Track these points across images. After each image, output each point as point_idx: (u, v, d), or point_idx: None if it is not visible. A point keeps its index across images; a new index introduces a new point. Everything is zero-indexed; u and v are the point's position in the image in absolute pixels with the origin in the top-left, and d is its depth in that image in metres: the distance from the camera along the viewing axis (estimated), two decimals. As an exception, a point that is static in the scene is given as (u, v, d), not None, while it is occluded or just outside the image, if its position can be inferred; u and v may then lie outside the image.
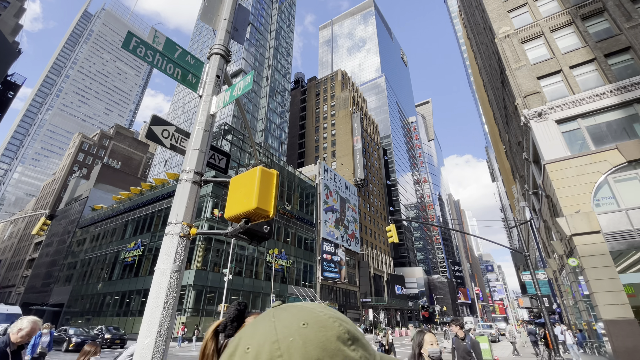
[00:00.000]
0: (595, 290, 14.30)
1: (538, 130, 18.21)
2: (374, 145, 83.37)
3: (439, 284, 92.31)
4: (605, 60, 18.02)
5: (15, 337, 3.26)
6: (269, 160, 41.59)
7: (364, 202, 66.85)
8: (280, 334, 0.51)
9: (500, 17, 22.70)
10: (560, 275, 24.64)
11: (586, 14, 19.63)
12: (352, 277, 52.34)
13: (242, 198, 2.73)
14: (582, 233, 15.11)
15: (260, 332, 0.53)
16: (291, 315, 0.55)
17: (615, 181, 15.66)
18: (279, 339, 0.50)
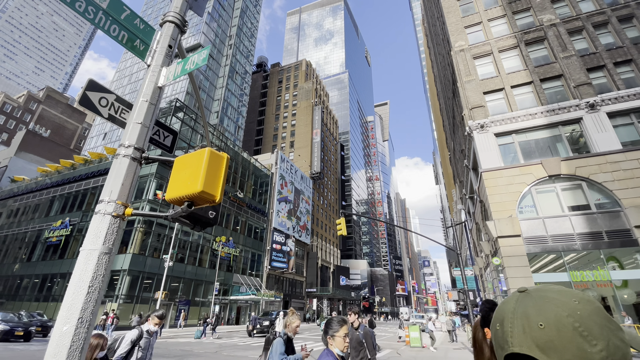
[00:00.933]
0: (512, 287, 16.22)
1: (479, 141, 19.92)
2: (333, 140, 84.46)
3: (381, 276, 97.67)
4: (540, 84, 20.24)
5: None
6: (222, 144, 39.83)
7: (318, 195, 67.71)
8: (567, 309, 0.61)
9: (457, 32, 24.20)
10: (485, 272, 27.56)
11: (529, 40, 21.79)
12: (299, 267, 52.99)
13: (187, 180, 2.56)
14: (506, 236, 17.00)
15: (546, 310, 0.62)
16: (558, 294, 0.64)
17: (536, 192, 17.81)
18: (569, 313, 0.60)
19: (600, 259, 15.81)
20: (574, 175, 17.12)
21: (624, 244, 15.31)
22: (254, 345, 17.13)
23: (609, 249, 15.65)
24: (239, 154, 42.36)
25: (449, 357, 14.26)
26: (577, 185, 17.18)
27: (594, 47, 19.97)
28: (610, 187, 16.24)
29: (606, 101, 18.06)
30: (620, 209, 15.84)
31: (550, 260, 16.96)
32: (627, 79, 18.56)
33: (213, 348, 15.33)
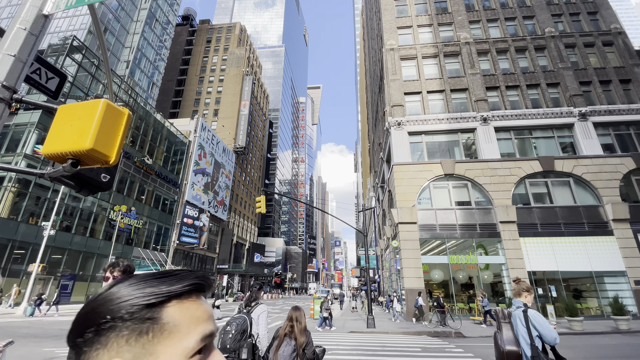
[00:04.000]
0: (405, 267, 18.64)
1: (395, 136, 21.84)
2: (262, 116, 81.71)
3: (295, 254, 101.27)
4: (450, 94, 23.04)
5: None
6: (131, 99, 34.62)
7: (241, 171, 65.37)
8: None
9: (390, 30, 25.57)
10: (385, 253, 31.04)
11: (447, 52, 24.43)
12: (212, 243, 51.01)
13: (73, 133, 2.16)
14: (405, 222, 19.31)
15: None
16: None
17: (434, 187, 20.57)
18: None
19: (472, 246, 19.35)
20: (463, 176, 20.31)
21: (491, 235, 19.02)
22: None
23: (479, 239, 19.26)
24: (150, 115, 37.56)
25: (346, 326, 15.84)
26: (465, 184, 20.45)
27: (494, 69, 23.55)
28: (487, 188, 19.80)
29: (495, 117, 21.66)
30: (491, 207, 19.52)
31: (437, 245, 20.03)
32: (513, 101, 22.53)
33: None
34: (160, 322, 0.48)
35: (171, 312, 0.50)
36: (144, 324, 0.48)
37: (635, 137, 20.64)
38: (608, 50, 23.46)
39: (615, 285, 17.46)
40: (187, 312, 0.51)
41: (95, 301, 0.50)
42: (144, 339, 0.47)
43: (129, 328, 0.47)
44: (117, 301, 0.48)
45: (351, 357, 8.64)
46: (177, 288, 0.51)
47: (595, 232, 18.40)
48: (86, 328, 0.48)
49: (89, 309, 0.49)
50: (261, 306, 4.12)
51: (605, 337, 11.94)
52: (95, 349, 0.47)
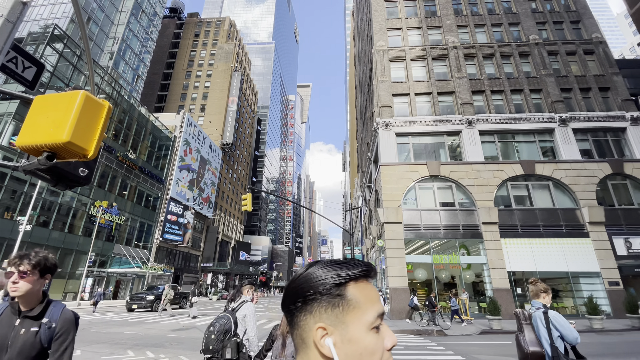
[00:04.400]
0: (389, 265, 18.85)
1: (383, 137, 22.03)
2: (250, 112, 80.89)
3: (281, 252, 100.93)
4: (437, 97, 23.40)
5: None
6: (115, 92, 33.59)
7: (227, 168, 64.54)
8: None
9: (380, 32, 25.75)
10: (370, 252, 31.31)
11: (436, 55, 24.80)
12: (197, 241, 50.21)
13: (49, 125, 2.08)
14: (391, 222, 19.53)
15: None
16: None
17: (419, 188, 20.88)
18: None
19: (455, 246, 19.76)
20: (448, 178, 20.69)
21: (473, 236, 19.46)
22: (133, 320, 15.68)
23: (462, 239, 19.67)
24: (135, 108, 36.59)
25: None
26: (449, 185, 20.84)
27: (480, 74, 24.07)
28: (471, 190, 20.24)
29: (480, 121, 22.14)
30: (474, 208, 19.97)
31: (421, 245, 20.35)
32: (497, 106, 23.09)
33: (80, 325, 13.41)
34: (347, 298, 0.62)
35: (352, 290, 0.63)
36: (335, 299, 0.62)
37: (612, 143, 21.52)
38: (589, 58, 24.35)
39: (590, 286, 18.18)
40: (364, 292, 0.64)
41: (299, 278, 0.66)
42: (337, 310, 0.62)
43: (326, 301, 0.63)
44: (316, 280, 0.64)
45: (335, 356, 8.68)
46: (354, 272, 0.65)
47: (572, 234, 19.10)
48: (297, 298, 0.64)
49: (297, 284, 0.65)
50: (247, 304, 4.04)
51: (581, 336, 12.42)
52: (303, 314, 0.64)
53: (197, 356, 8.16)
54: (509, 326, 14.58)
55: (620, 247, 18.66)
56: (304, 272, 0.67)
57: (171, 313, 19.38)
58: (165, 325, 14.17)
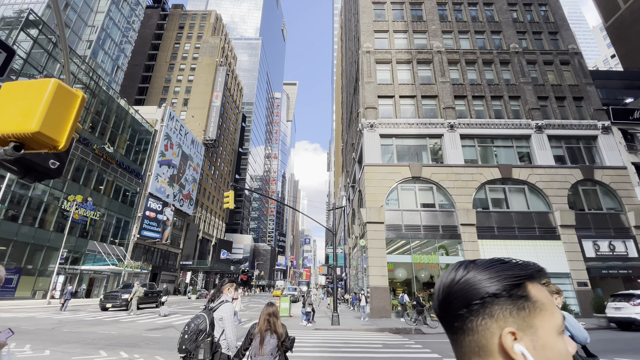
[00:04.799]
0: (371, 265, 19.06)
1: (367, 138, 22.23)
2: (234, 108, 79.66)
3: (263, 251, 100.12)
4: (421, 100, 23.83)
5: None
6: (92, 82, 32.23)
7: (210, 164, 63.32)
8: None
9: (367, 33, 25.95)
10: (352, 251, 31.58)
11: (420, 59, 25.23)
12: (176, 238, 49.03)
13: (18, 114, 1.97)
14: (374, 222, 19.75)
15: None
16: None
17: (401, 189, 21.21)
18: None
19: (434, 246, 20.21)
20: (429, 180, 21.13)
21: (452, 237, 19.97)
22: (107, 320, 15.13)
23: (441, 240, 20.14)
24: (113, 100, 35.28)
25: (310, 323, 15.92)
26: (430, 187, 21.29)
27: (463, 79, 24.69)
28: (451, 192, 20.75)
29: (461, 125, 22.73)
30: (454, 210, 20.49)
31: (402, 245, 20.69)
32: (478, 111, 23.76)
33: (50, 324, 12.80)
34: (531, 300, 0.58)
35: (533, 291, 0.59)
36: (519, 301, 0.57)
37: (584, 150, 22.61)
38: (565, 68, 25.46)
39: (561, 286, 19.01)
40: (544, 293, 0.59)
41: (465, 280, 0.61)
42: (523, 313, 0.57)
43: (510, 302, 0.58)
44: (491, 280, 0.59)
45: (315, 354, 8.70)
46: (530, 271, 0.61)
47: (544, 236, 19.94)
48: (470, 300, 0.59)
49: (465, 285, 0.60)
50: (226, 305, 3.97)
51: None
52: (481, 318, 0.58)
53: (174, 356, 7.97)
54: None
55: (589, 249, 19.66)
56: (465, 273, 0.61)
57: (137, 312, 18.58)
58: (141, 325, 13.76)
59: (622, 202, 20.81)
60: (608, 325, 14.40)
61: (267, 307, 3.71)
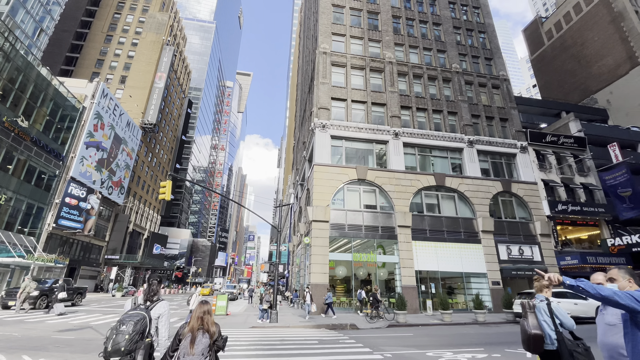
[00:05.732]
0: (313, 262, 19.30)
1: (318, 138, 22.49)
2: (180, 93, 74.29)
3: (203, 247, 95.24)
4: (371, 107, 24.82)
5: None
6: (7, 44, 27.33)
7: (147, 150, 58.14)
8: None
9: (325, 34, 26.23)
10: (297, 249, 31.69)
11: (373, 67, 26.28)
12: (102, 230, 44.08)
13: None
14: (319, 220, 20.04)
15: None
16: None
17: (347, 190, 21.88)
18: None
19: (373, 245, 21.23)
20: (373, 182, 22.13)
21: (390, 237, 21.17)
22: (9, 319, 12.95)
23: (380, 239, 21.24)
24: (32, 67, 30.39)
25: (248, 321, 15.56)
26: (373, 190, 22.32)
27: (409, 91, 26.32)
28: (391, 195, 21.99)
29: (405, 134, 24.21)
30: (393, 212, 21.75)
31: (344, 244, 21.35)
32: (420, 122, 25.53)
33: None
34: None
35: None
36: None
37: (505, 165, 25.71)
38: (495, 92, 28.67)
39: (478, 285, 21.42)
40: None
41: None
42: None
43: None
44: None
45: (248, 352, 8.51)
46: None
47: (468, 240, 22.24)
48: None
49: None
50: (163, 303, 3.75)
51: (467, 327, 14.53)
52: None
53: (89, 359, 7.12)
54: (412, 320, 16.26)
55: (503, 252, 22.43)
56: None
57: (27, 311, 16.20)
58: (51, 326, 12.06)
59: (531, 212, 24.16)
60: (514, 320, 16.59)
61: (201, 305, 3.50)
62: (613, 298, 2.19)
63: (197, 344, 3.22)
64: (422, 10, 30.29)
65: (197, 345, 3.22)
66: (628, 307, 2.17)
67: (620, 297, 2.19)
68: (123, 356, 3.23)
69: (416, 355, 8.42)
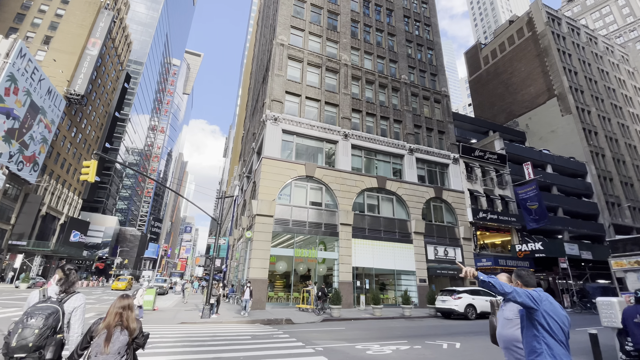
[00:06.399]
0: (254, 257, 18.94)
1: (269, 130, 22.09)
2: (117, 64, 66.64)
3: (131, 236, 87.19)
4: (324, 106, 25.12)
5: None
6: None
7: (72, 125, 51.05)
8: None
9: (284, 26, 25.79)
10: (237, 243, 30.78)
11: (329, 67, 26.61)
12: (6, 210, 37.63)
13: None
14: (263, 215, 19.73)
15: None
16: None
17: (295, 185, 21.89)
18: None
19: (315, 242, 21.60)
20: (321, 180, 22.49)
21: (332, 234, 21.74)
22: None
23: (322, 236, 21.69)
24: None
25: (177, 317, 14.68)
26: (320, 187, 22.69)
27: (361, 95, 27.24)
28: (337, 194, 22.59)
29: (354, 136, 25.03)
30: (336, 210, 22.37)
31: (287, 239, 21.35)
32: (369, 126, 26.60)
33: None
34: None
35: None
36: None
37: (438, 174, 28.11)
38: (437, 106, 31.14)
39: (408, 282, 23.16)
40: None
41: None
42: None
43: None
44: None
45: (174, 349, 8.03)
46: None
47: (402, 240, 23.89)
48: None
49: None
50: (78, 295, 3.36)
51: (395, 321, 15.63)
52: None
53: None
54: (347, 314, 16.95)
55: (431, 253, 24.56)
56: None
57: None
58: None
59: (457, 218, 26.83)
60: (436, 314, 18.31)
61: (121, 300, 3.18)
62: (514, 295, 2.53)
63: (113, 342, 2.93)
64: (379, 19, 31.52)
65: (113, 343, 2.93)
66: (525, 304, 2.53)
67: (520, 295, 2.54)
68: (30, 352, 2.84)
69: (346, 348, 8.80)
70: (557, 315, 2.51)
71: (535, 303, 2.52)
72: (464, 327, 13.70)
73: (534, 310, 2.52)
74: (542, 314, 2.50)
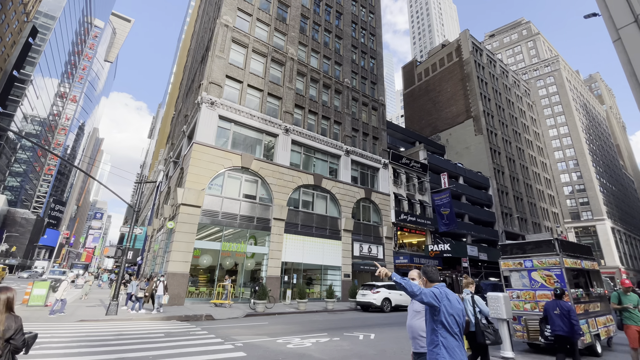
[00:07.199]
0: (174, 250, 17.58)
1: (204, 114, 20.70)
2: (21, 14, 55.08)
3: (23, 220, 73.43)
4: (267, 97, 24.51)
5: None
6: None
7: (-58, 74, 40.49)
8: None
9: (230, 7, 24.39)
10: (157, 234, 28.20)
11: (275, 58, 26.04)
12: None
13: None
14: (189, 205, 18.44)
15: None
16: None
17: (228, 176, 20.94)
18: None
19: (246, 236, 21.01)
20: (257, 173, 21.93)
21: (264, 228, 21.38)
22: None
23: (254, 230, 21.20)
24: None
25: (76, 314, 12.79)
26: (256, 180, 22.13)
27: (305, 92, 27.31)
28: (273, 188, 22.30)
29: (295, 132, 24.99)
30: (271, 205, 22.08)
31: (215, 232, 20.31)
32: (310, 124, 26.83)
33: None
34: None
35: None
36: None
37: (370, 177, 29.80)
38: (374, 113, 32.91)
39: (333, 277, 24.07)
40: None
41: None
42: None
43: None
44: None
45: (69, 350, 6.98)
46: None
47: (332, 236, 24.74)
48: None
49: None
50: None
51: (318, 315, 16.09)
52: None
53: None
54: (271, 309, 16.86)
55: (356, 249, 25.93)
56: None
57: None
58: None
59: (382, 218, 28.83)
60: (356, 307, 19.39)
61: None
62: (421, 297, 2.78)
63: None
64: (328, 20, 31.98)
65: None
66: (430, 304, 2.80)
67: (426, 295, 2.80)
68: None
69: (267, 343, 8.74)
70: (453, 310, 2.84)
71: (437, 301, 2.79)
72: (380, 319, 14.80)
73: (436, 307, 2.80)
74: (441, 311, 2.80)
